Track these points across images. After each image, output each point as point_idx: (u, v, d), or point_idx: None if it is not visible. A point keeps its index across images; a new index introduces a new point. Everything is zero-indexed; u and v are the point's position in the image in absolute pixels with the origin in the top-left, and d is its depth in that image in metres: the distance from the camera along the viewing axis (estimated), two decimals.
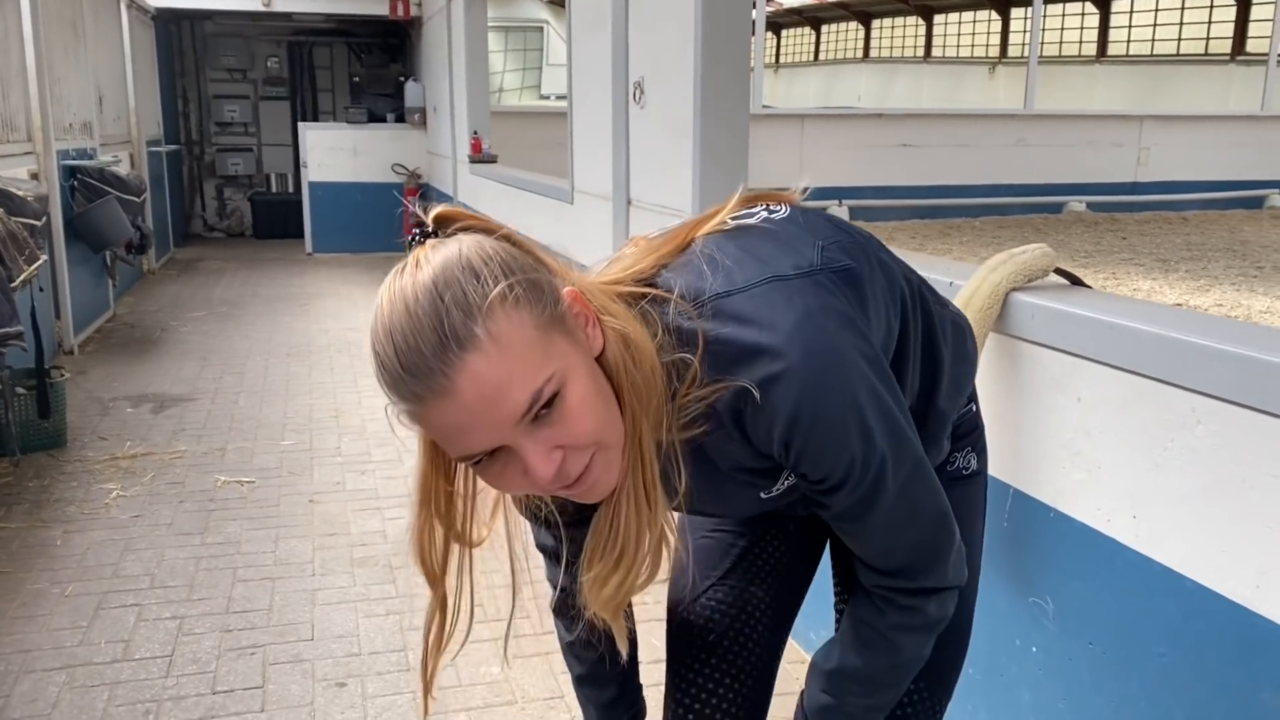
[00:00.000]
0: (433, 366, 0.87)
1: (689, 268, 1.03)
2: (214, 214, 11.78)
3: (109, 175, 6.22)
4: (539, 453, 0.91)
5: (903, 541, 1.05)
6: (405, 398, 0.90)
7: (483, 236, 0.95)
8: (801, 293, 0.98)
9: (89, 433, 4.40)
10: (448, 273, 0.89)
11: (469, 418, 0.89)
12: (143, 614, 2.85)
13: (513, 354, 0.88)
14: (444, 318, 0.87)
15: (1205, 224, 6.61)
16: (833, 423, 0.95)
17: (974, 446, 1.32)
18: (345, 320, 6.93)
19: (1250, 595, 1.31)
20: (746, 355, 0.95)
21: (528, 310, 0.90)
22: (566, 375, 0.91)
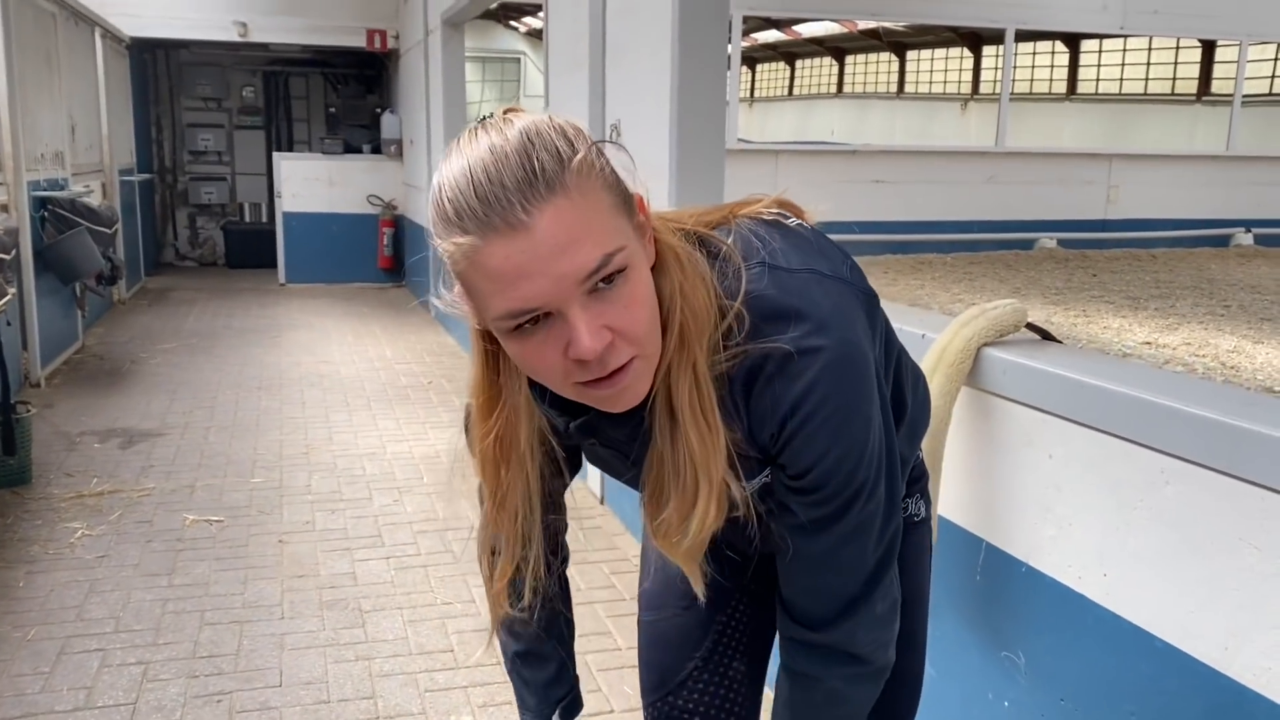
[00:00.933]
0: (513, 200, 0.84)
1: (736, 235, 1.03)
2: (186, 243, 11.71)
3: (80, 206, 6.17)
4: (590, 325, 0.88)
5: (835, 586, 1.04)
6: (469, 228, 0.86)
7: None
8: (839, 293, 0.99)
9: (55, 469, 4.34)
10: (539, 126, 0.88)
11: (535, 262, 0.85)
12: (106, 659, 2.80)
13: (593, 212, 0.86)
14: (534, 158, 0.85)
15: (1173, 261, 6.69)
16: (839, 414, 0.95)
17: (922, 493, 1.33)
18: (318, 353, 6.88)
19: (1219, 657, 1.31)
20: (790, 316, 0.95)
21: (611, 183, 0.90)
22: (633, 258, 0.89)
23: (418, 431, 5.09)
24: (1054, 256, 6.98)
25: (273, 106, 11.66)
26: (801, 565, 1.06)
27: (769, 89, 17.33)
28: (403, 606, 3.14)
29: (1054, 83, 11.50)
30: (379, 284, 10.11)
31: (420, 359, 6.82)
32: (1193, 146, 8.54)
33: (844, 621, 1.06)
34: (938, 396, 1.74)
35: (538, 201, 0.84)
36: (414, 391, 5.93)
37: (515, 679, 1.36)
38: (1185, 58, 10.26)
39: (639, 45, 3.34)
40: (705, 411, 0.96)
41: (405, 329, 7.87)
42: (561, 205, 0.84)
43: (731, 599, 1.34)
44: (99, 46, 8.12)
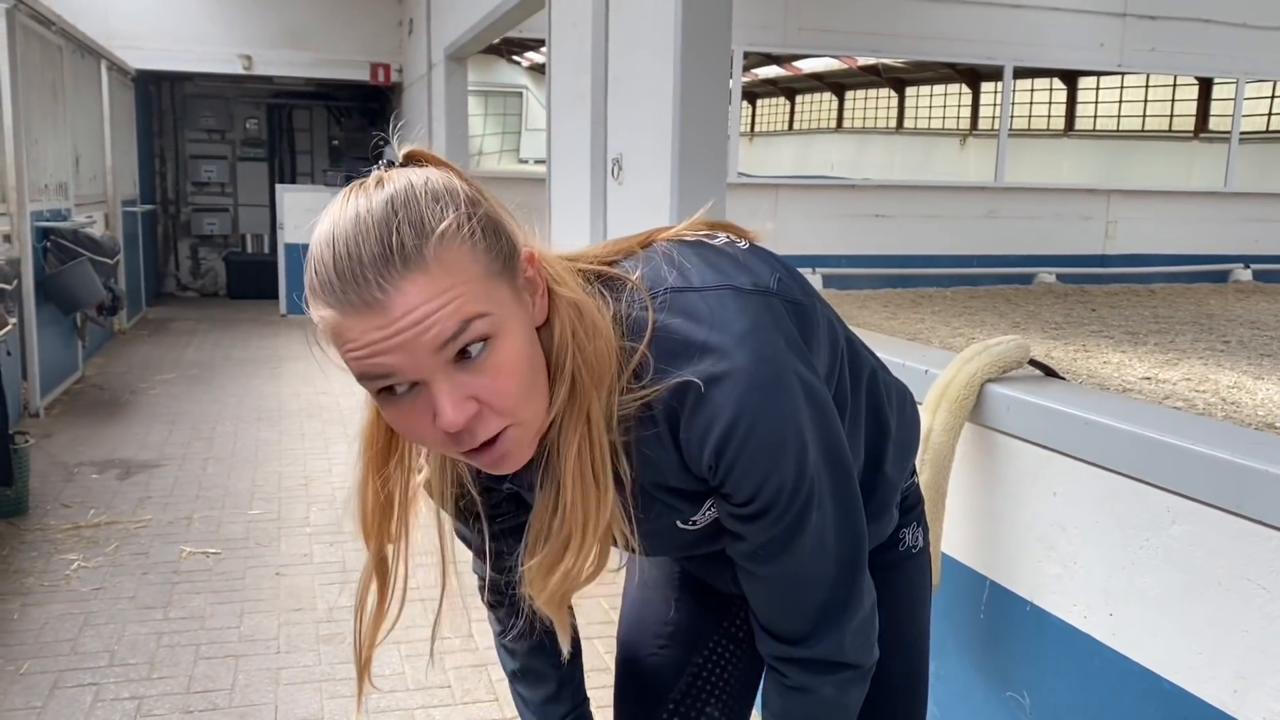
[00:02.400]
0: (369, 277, 0.83)
1: (647, 261, 1.01)
2: (188, 273, 11.73)
3: (82, 236, 6.19)
4: (453, 396, 0.87)
5: (808, 600, 1.02)
6: (330, 304, 0.85)
7: (454, 174, 0.93)
8: (755, 307, 0.96)
9: (52, 500, 4.32)
10: (409, 192, 0.87)
11: (392, 337, 0.84)
12: (100, 694, 2.77)
13: (453, 283, 0.85)
14: (394, 231, 0.84)
15: (1172, 297, 6.71)
16: (770, 436, 0.92)
17: (919, 521, 1.31)
18: (317, 385, 6.87)
19: (1228, 700, 1.30)
20: (694, 350, 0.93)
21: (482, 249, 0.87)
22: (503, 326, 0.87)
23: None
24: (1053, 291, 7.00)
25: (276, 138, 11.74)
26: (768, 587, 1.03)
27: (769, 124, 17.47)
28: (400, 641, 3.11)
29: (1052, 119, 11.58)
30: None
31: None
32: (1190, 183, 8.58)
33: (827, 632, 1.03)
34: (941, 433, 1.73)
35: (394, 278, 0.83)
36: None
37: (515, 698, 1.33)
38: (1182, 95, 10.35)
39: (641, 80, 3.36)
40: (594, 466, 0.95)
41: None
42: (418, 281, 0.83)
43: (709, 640, 1.31)
44: (105, 78, 8.18)
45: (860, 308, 5.37)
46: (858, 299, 5.93)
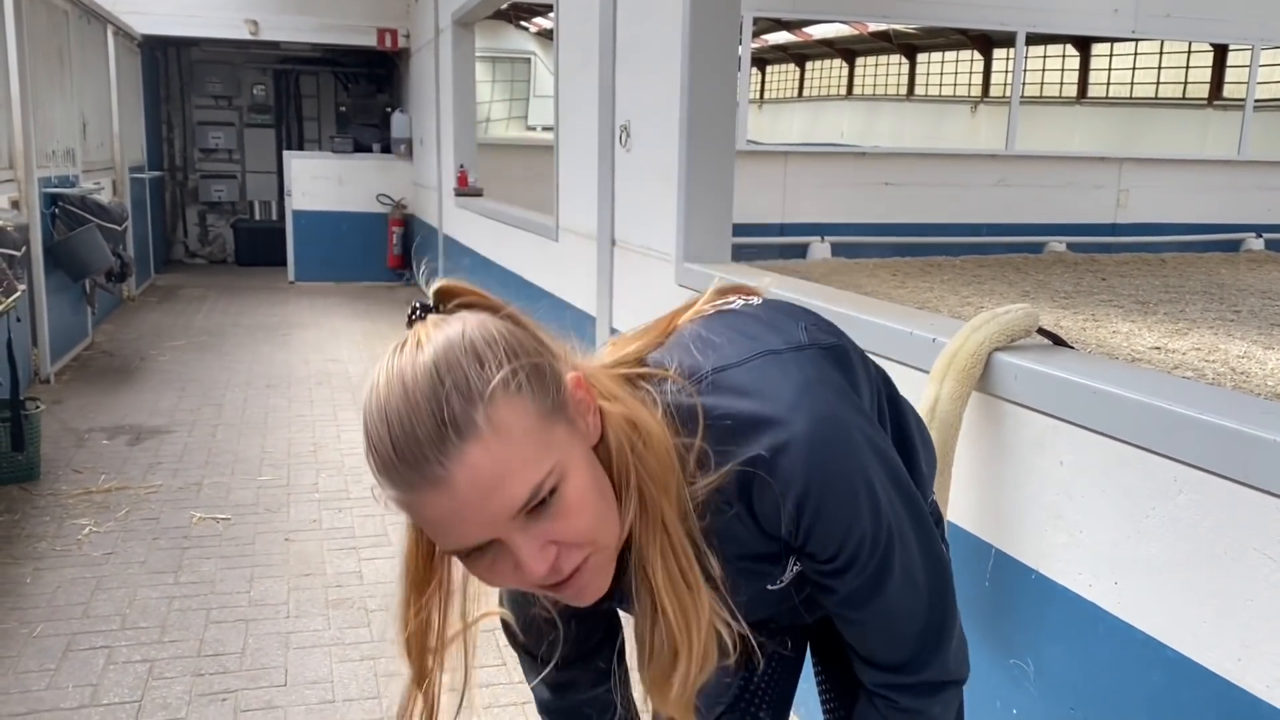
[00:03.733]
0: (428, 455, 0.83)
1: (680, 347, 1.01)
2: (196, 240, 11.74)
3: (90, 203, 6.19)
4: (532, 548, 0.87)
5: (907, 630, 1.03)
6: (396, 485, 0.86)
7: (486, 315, 0.91)
8: (797, 364, 0.97)
9: (63, 465, 4.35)
10: (450, 354, 0.85)
11: (463, 509, 0.85)
12: (112, 656, 2.80)
13: (512, 445, 0.84)
14: (443, 403, 0.83)
15: (1183, 266, 6.67)
16: (843, 493, 0.93)
17: (943, 539, 1.32)
18: (326, 352, 6.89)
19: (1232, 668, 1.30)
20: (751, 427, 0.93)
21: (530, 398, 0.86)
22: (566, 468, 0.87)
23: None
24: (1063, 260, 6.96)
25: (283, 105, 11.69)
26: (866, 627, 1.05)
27: (779, 90, 17.32)
28: None
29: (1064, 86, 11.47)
30: (388, 283, 10.12)
31: None
32: (1204, 151, 8.51)
33: (933, 655, 1.05)
34: (948, 401, 1.73)
35: (452, 453, 0.83)
36: None
37: None
38: (1197, 61, 10.23)
39: (649, 46, 3.33)
40: (682, 571, 0.95)
41: None
42: (476, 450, 0.83)
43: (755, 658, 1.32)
44: (110, 44, 8.14)
45: (869, 276, 5.35)
46: (866, 267, 5.91)
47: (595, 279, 3.99)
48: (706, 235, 3.09)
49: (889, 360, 2.00)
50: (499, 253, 6.13)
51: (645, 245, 3.46)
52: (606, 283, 3.88)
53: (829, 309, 2.25)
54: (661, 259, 3.28)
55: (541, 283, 5.08)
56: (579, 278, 4.33)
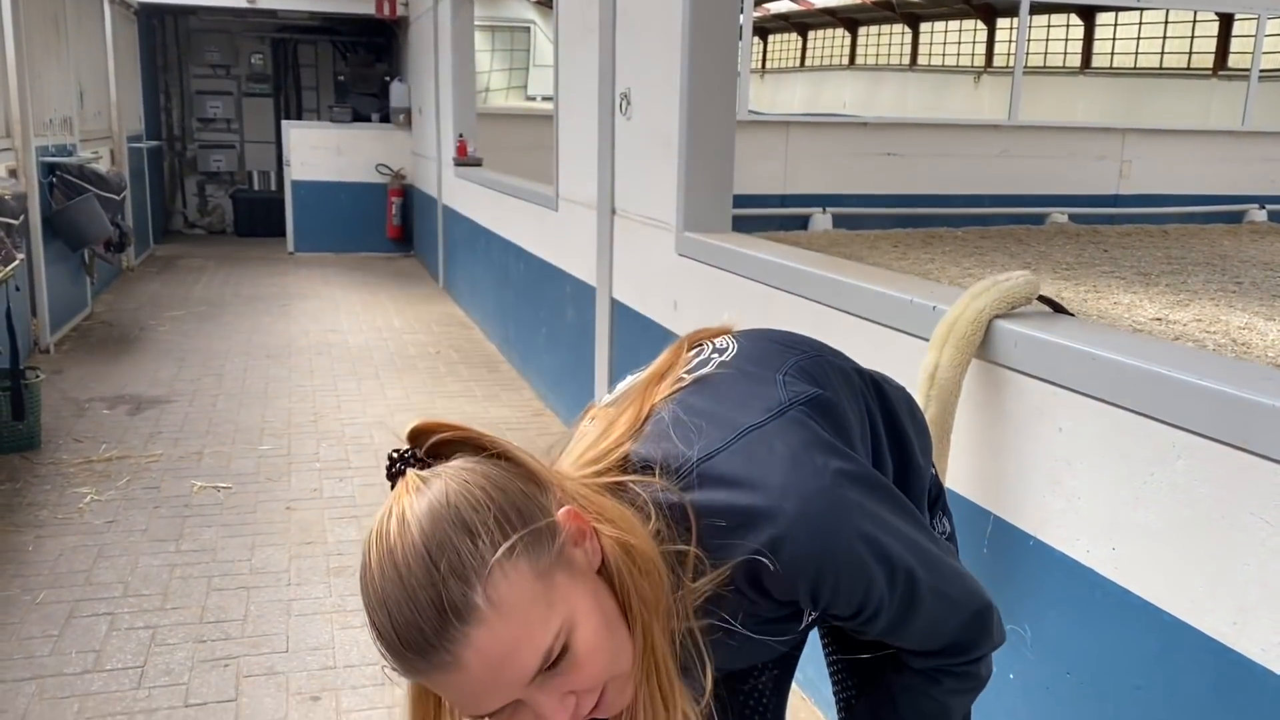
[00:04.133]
0: (434, 643, 0.82)
1: (661, 436, 0.98)
2: (195, 210, 11.70)
3: (88, 172, 6.16)
4: (552, 704, 0.87)
5: (948, 628, 1.04)
6: (408, 671, 0.86)
7: (467, 468, 0.88)
8: (780, 436, 0.95)
9: (64, 434, 4.36)
10: (439, 532, 0.83)
11: (476, 686, 0.84)
12: (115, 623, 2.82)
13: (517, 617, 0.83)
14: (441, 590, 0.81)
15: (1185, 238, 6.65)
16: (853, 562, 0.93)
17: (944, 511, 1.32)
18: (326, 322, 6.88)
19: (1228, 632, 1.31)
20: (745, 521, 0.92)
21: (527, 561, 0.84)
22: (574, 620, 0.86)
23: (426, 401, 5.10)
24: (1065, 231, 6.94)
25: (281, 74, 11.62)
26: (907, 642, 1.06)
27: (781, 60, 17.20)
28: None
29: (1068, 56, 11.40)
30: (387, 254, 10.10)
31: (428, 329, 6.82)
32: (1208, 122, 8.46)
33: (978, 636, 1.07)
34: (947, 369, 1.73)
35: (458, 638, 0.82)
36: (422, 361, 5.93)
37: None
38: (1202, 31, 10.15)
39: (650, 14, 3.30)
40: (664, 693, 0.94)
41: (413, 299, 7.87)
42: (482, 634, 0.82)
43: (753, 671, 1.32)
44: (107, 12, 8.08)
45: (870, 248, 5.33)
46: (868, 239, 5.89)
47: (595, 249, 3.98)
48: (707, 204, 3.08)
49: (889, 328, 2.00)
50: (498, 223, 6.11)
51: (645, 215, 3.44)
52: (606, 253, 3.87)
53: (830, 278, 2.24)
54: (662, 228, 3.27)
55: (541, 253, 5.07)
56: (579, 248, 4.32)
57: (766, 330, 1.18)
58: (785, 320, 2.47)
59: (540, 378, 5.24)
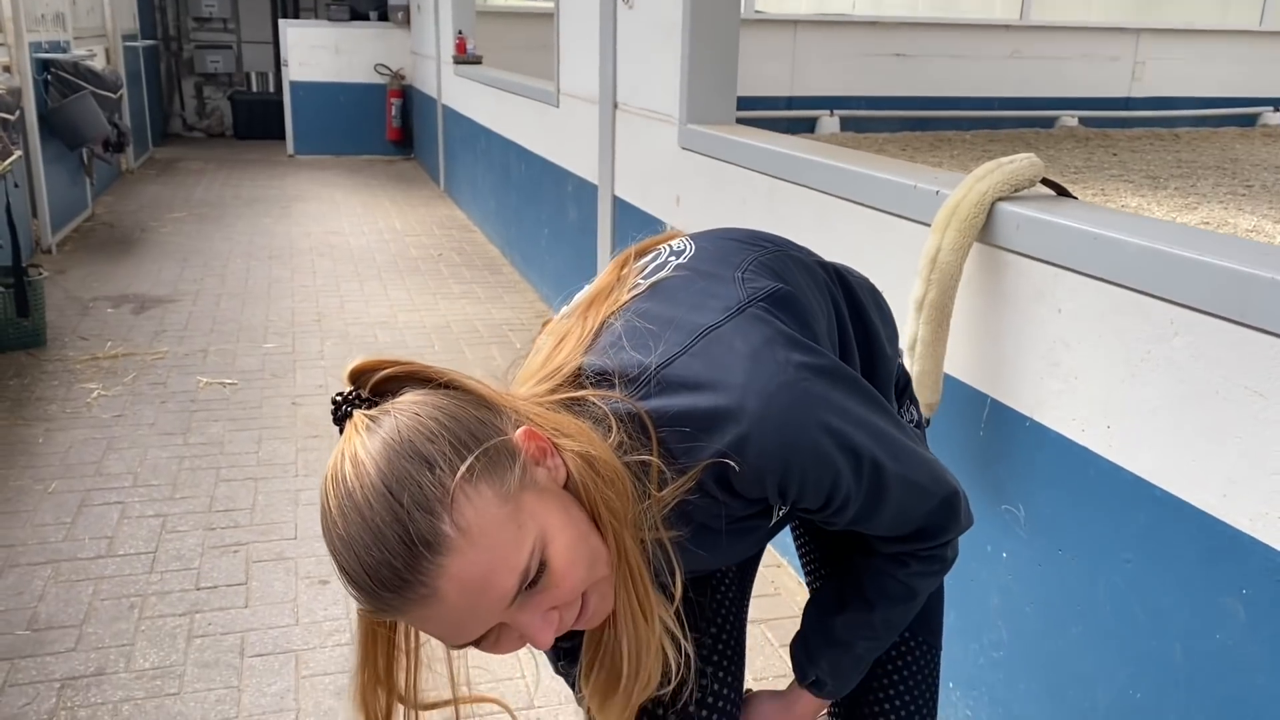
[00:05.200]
0: (408, 579, 0.80)
1: (616, 346, 0.96)
2: (193, 113, 11.54)
3: (84, 69, 6.07)
4: (535, 623, 0.87)
5: (916, 514, 1.05)
6: (384, 610, 0.84)
7: (416, 401, 0.86)
8: (740, 334, 0.93)
9: (69, 332, 4.38)
10: (396, 466, 0.81)
11: (457, 615, 0.83)
12: (126, 511, 2.87)
13: (489, 541, 0.82)
14: (407, 524, 0.79)
15: (1197, 141, 6.55)
16: (818, 455, 0.92)
17: (911, 400, 1.32)
18: (327, 224, 6.85)
19: (1217, 504, 1.33)
20: (708, 424, 0.91)
21: (489, 484, 0.83)
22: (546, 535, 0.85)
23: (429, 302, 5.10)
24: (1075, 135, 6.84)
25: None
26: (876, 529, 1.05)
27: None
28: None
29: None
30: (388, 156, 9.99)
31: (430, 231, 6.79)
32: (1225, 20, 8.25)
33: (949, 521, 1.07)
34: (949, 253, 1.72)
35: (432, 569, 0.80)
36: (424, 263, 5.92)
37: None
38: None
39: None
40: (640, 598, 0.93)
41: (414, 201, 7.81)
42: (455, 561, 0.80)
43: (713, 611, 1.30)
44: None
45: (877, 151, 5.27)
46: (875, 142, 5.81)
47: (596, 145, 3.94)
48: (710, 96, 3.04)
49: (892, 215, 1.99)
50: (498, 122, 6.03)
51: (648, 108, 3.39)
52: (608, 148, 3.82)
53: (833, 165, 2.22)
54: (664, 121, 3.23)
55: (542, 151, 5.01)
56: (580, 144, 4.27)
57: (726, 229, 1.16)
58: (788, 210, 2.46)
59: (543, 279, 5.23)
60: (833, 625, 1.16)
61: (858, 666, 1.19)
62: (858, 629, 1.15)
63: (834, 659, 1.17)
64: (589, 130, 4.05)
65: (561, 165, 4.64)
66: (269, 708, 2.10)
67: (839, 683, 1.19)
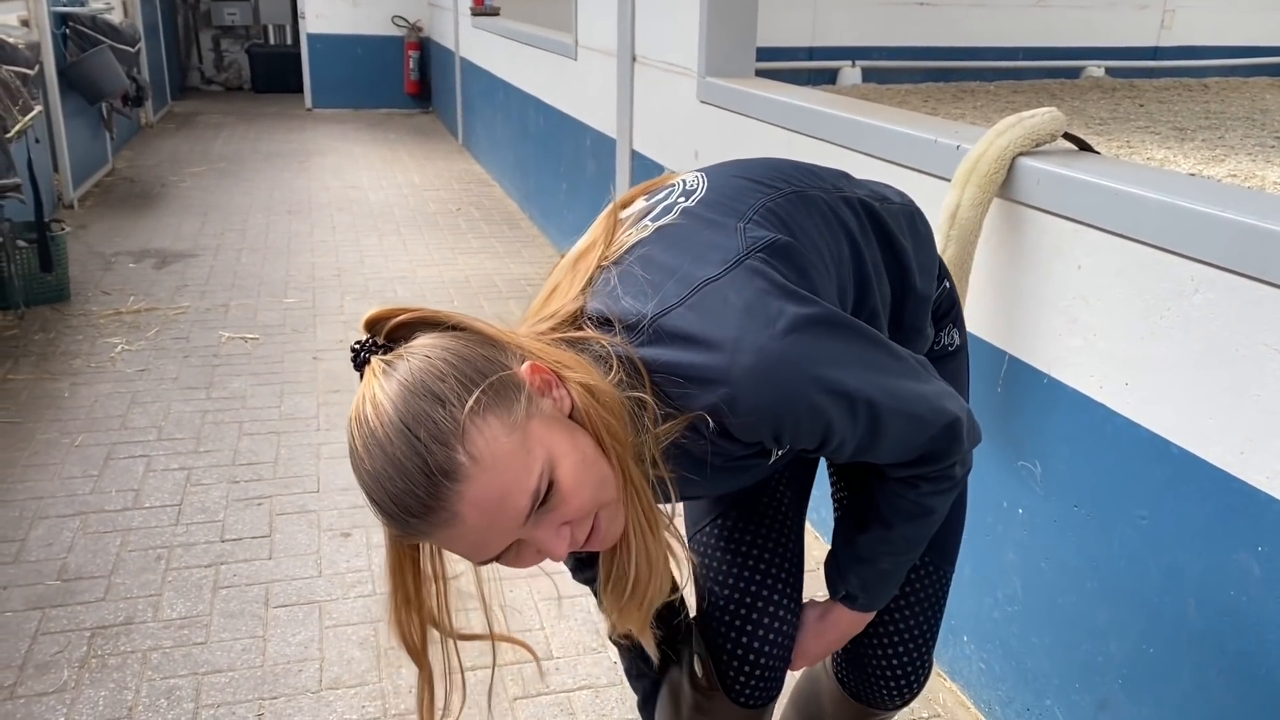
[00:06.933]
0: (430, 504, 0.87)
1: (616, 291, 1.00)
2: (211, 66, 11.50)
3: (102, 23, 6.05)
4: (549, 537, 0.93)
5: (917, 443, 1.06)
6: (412, 534, 0.91)
7: (426, 344, 0.93)
8: (735, 287, 0.95)
9: (91, 287, 4.41)
10: (411, 405, 0.88)
11: (478, 534, 0.90)
12: (151, 464, 2.92)
13: (501, 466, 0.88)
14: (426, 457, 0.86)
15: (1226, 91, 6.43)
16: (810, 406, 0.95)
17: (954, 323, 1.32)
18: (346, 178, 6.84)
19: (1234, 461, 1.33)
20: (699, 379, 0.94)
21: (498, 415, 0.89)
22: (554, 459, 0.91)
23: (448, 257, 5.10)
24: (1100, 86, 6.72)
25: None
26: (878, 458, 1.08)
27: None
28: None
29: None
30: (406, 109, 9.94)
31: (448, 185, 6.78)
32: None
33: (953, 445, 1.08)
34: (968, 208, 1.71)
35: (451, 495, 0.87)
36: (443, 218, 5.91)
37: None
38: None
39: None
40: (645, 516, 1.00)
41: (433, 155, 7.79)
42: (470, 487, 0.87)
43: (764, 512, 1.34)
44: None
45: (900, 103, 5.19)
46: (898, 94, 5.73)
47: (615, 98, 3.91)
48: (730, 48, 3.00)
49: (912, 169, 1.98)
50: (516, 75, 5.98)
51: (667, 60, 3.36)
52: (627, 102, 3.80)
53: (853, 119, 2.20)
54: (683, 74, 3.20)
55: (560, 105, 4.98)
56: (598, 98, 4.24)
57: (744, 163, 1.17)
58: None
59: (561, 233, 5.22)
60: (857, 543, 1.21)
61: (886, 580, 1.24)
62: (880, 545, 1.20)
63: (862, 574, 1.22)
64: (607, 83, 4.02)
65: (579, 119, 4.61)
66: (293, 657, 2.14)
67: (870, 596, 1.25)
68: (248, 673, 2.09)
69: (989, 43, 6.95)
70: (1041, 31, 7.03)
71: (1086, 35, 7.08)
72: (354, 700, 2.03)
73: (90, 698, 2.00)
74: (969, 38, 6.93)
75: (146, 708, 1.98)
